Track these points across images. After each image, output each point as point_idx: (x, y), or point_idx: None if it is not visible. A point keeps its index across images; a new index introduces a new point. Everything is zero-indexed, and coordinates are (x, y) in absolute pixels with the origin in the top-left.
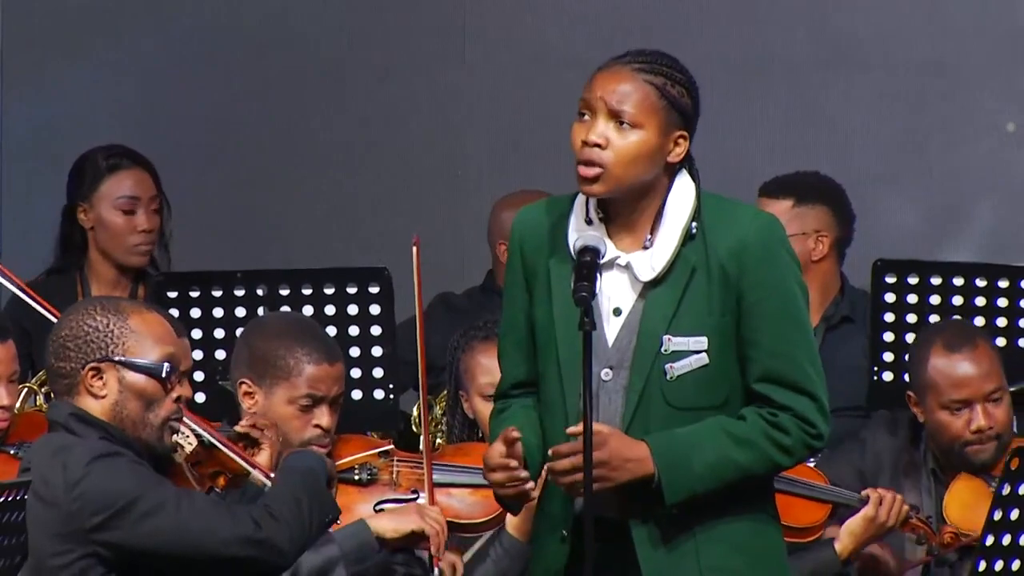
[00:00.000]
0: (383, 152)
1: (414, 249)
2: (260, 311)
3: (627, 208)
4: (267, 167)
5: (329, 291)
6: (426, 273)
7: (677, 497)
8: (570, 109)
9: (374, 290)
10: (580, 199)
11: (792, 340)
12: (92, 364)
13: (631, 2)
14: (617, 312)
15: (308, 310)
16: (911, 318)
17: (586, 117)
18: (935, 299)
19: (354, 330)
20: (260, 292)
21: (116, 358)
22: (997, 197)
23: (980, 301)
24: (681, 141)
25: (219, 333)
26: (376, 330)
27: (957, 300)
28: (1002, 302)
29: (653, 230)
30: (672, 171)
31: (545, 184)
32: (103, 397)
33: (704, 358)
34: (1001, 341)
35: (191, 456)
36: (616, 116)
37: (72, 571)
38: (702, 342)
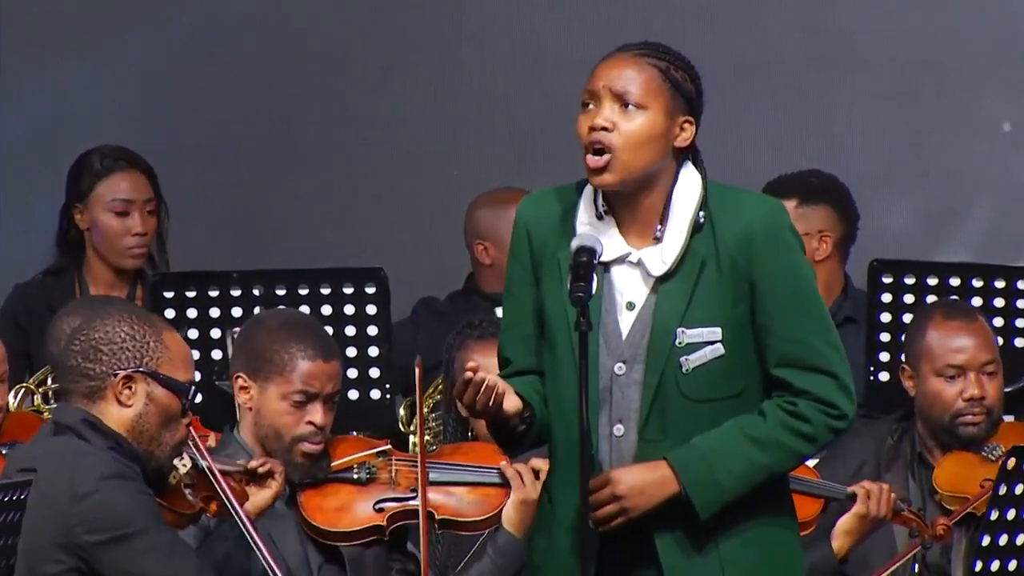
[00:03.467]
0: (381, 152)
1: (417, 370)
2: (256, 311)
3: (634, 202)
4: (265, 167)
5: (325, 291)
6: (423, 273)
7: (709, 512)
8: (567, 109)
9: (370, 290)
10: (588, 192)
11: (806, 323)
12: (125, 372)
13: (629, 1)
14: (630, 306)
15: (305, 310)
16: (907, 318)
17: (591, 107)
18: (932, 299)
19: (350, 330)
20: (256, 292)
21: (149, 370)
22: (994, 197)
23: (977, 301)
24: (687, 126)
25: (215, 333)
26: (372, 330)
27: (953, 300)
28: (998, 302)
29: (662, 222)
30: (678, 161)
31: (542, 183)
32: (129, 406)
33: (719, 348)
34: (998, 341)
35: (185, 478)
36: (621, 99)
37: None
38: (716, 333)
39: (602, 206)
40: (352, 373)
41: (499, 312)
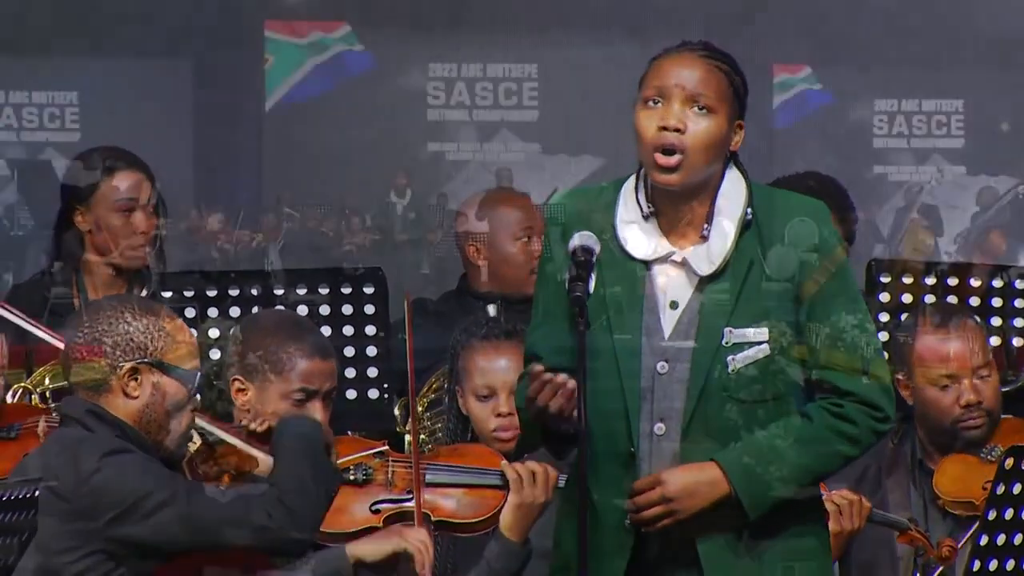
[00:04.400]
0: (380, 152)
1: (406, 304)
2: (255, 311)
3: (683, 202)
4: (262, 166)
5: (324, 291)
6: (423, 273)
7: (758, 512)
8: (566, 109)
9: (369, 290)
10: (627, 191)
11: (850, 324)
12: (131, 364)
13: (625, 2)
14: (674, 305)
15: (303, 310)
16: (905, 318)
17: (658, 104)
18: (930, 299)
19: (348, 330)
20: (255, 292)
21: (155, 361)
22: (991, 197)
23: (974, 301)
24: (739, 130)
25: (214, 333)
26: (371, 330)
27: (952, 300)
28: (996, 302)
29: (708, 222)
30: (725, 163)
31: (542, 184)
32: (135, 398)
33: (765, 349)
34: (995, 340)
35: (195, 455)
36: (693, 101)
37: (79, 568)
38: (763, 333)
39: (648, 207)
40: (350, 373)
41: (491, 311)
